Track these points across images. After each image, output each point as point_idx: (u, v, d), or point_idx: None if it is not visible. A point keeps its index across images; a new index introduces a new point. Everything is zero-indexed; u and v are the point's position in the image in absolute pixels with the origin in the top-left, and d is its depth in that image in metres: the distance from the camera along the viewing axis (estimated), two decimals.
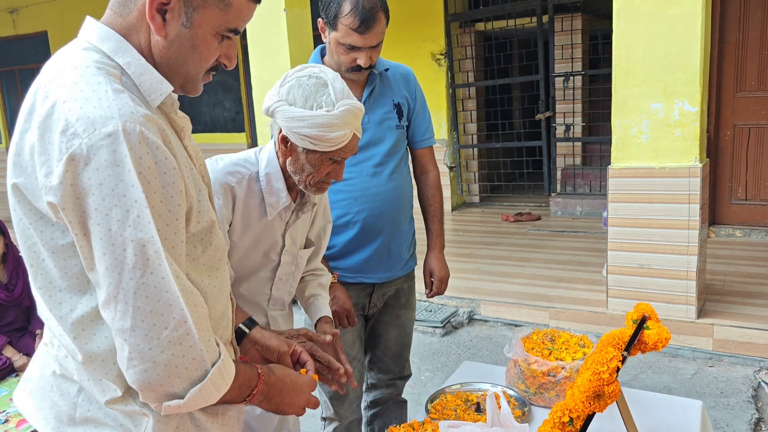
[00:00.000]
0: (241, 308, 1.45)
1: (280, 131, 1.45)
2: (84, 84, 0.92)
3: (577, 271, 4.68)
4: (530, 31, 6.85)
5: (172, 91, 1.06)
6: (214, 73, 1.10)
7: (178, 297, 0.93)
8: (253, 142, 8.34)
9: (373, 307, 2.12)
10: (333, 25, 1.81)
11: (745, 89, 5.14)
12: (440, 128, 7.20)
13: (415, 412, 3.08)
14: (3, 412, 3.17)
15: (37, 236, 0.98)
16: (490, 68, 7.18)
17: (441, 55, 7.03)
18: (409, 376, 2.32)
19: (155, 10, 0.97)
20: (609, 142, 3.60)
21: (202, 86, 1.11)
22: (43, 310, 1.06)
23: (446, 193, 7.25)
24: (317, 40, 7.21)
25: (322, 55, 2.00)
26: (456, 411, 1.72)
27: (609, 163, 3.66)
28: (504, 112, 7.37)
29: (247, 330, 1.40)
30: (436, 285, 2.22)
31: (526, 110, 7.70)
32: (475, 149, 7.45)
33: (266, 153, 1.56)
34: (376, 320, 2.18)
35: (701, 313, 3.63)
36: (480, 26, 7.09)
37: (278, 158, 1.53)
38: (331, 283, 1.90)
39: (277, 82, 1.44)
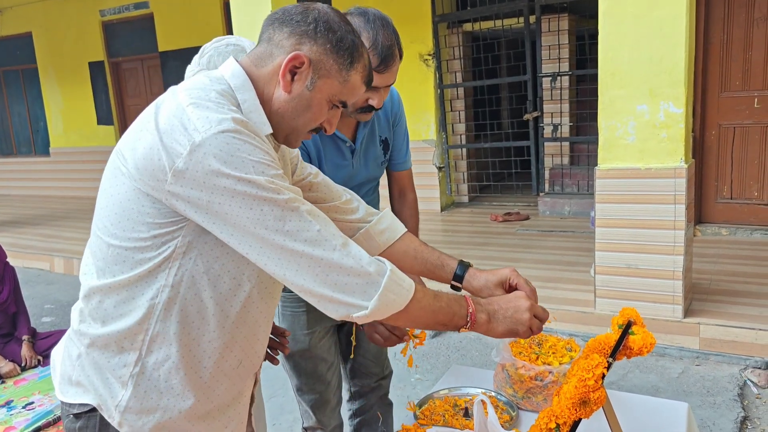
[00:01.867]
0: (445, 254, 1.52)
1: None
2: (206, 100, 1.09)
3: (566, 271, 4.70)
4: (518, 31, 6.87)
5: (277, 140, 1.23)
6: (314, 133, 1.25)
7: (320, 230, 1.09)
8: None
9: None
10: None
11: (730, 89, 5.18)
12: (429, 129, 7.22)
13: (404, 416, 3.09)
14: None
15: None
16: (478, 69, 7.20)
17: (429, 55, 7.04)
18: (391, 373, 2.31)
19: (288, 70, 1.14)
20: (596, 142, 3.62)
21: (300, 143, 1.27)
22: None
23: (435, 193, 7.27)
24: None
25: None
26: (444, 416, 1.72)
27: (596, 163, 3.68)
28: (492, 112, 7.39)
29: (461, 274, 1.49)
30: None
31: (514, 110, 7.73)
32: (464, 149, 7.47)
33: None
34: (351, 325, 2.13)
35: (688, 312, 3.66)
36: (468, 27, 7.11)
37: None
38: None
39: (197, 54, 1.48)
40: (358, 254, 1.11)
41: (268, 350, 1.57)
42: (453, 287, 1.52)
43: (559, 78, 6.67)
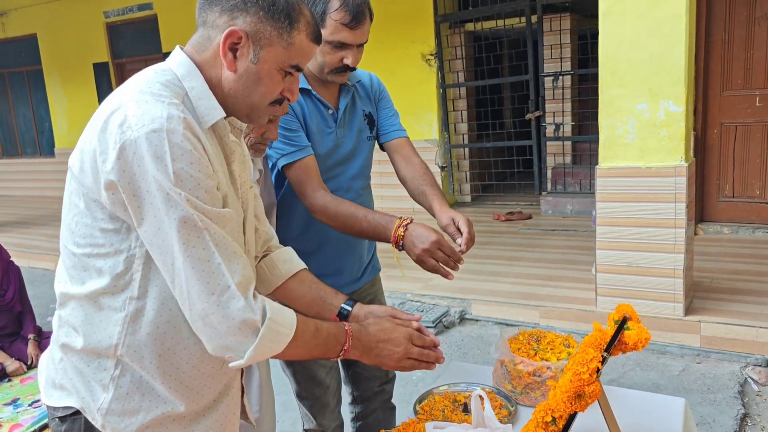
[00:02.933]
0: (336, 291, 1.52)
1: None
2: (149, 94, 1.08)
3: (567, 269, 4.72)
4: (519, 31, 6.89)
5: (242, 120, 1.23)
6: (278, 105, 1.23)
7: (220, 263, 1.06)
8: None
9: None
10: (320, 22, 1.71)
11: (731, 88, 5.19)
12: (431, 128, 7.24)
13: (407, 413, 3.11)
14: None
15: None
16: (480, 68, 7.22)
17: (431, 55, 7.07)
18: (394, 377, 2.30)
19: (228, 48, 1.12)
20: (598, 141, 3.63)
21: (267, 118, 1.25)
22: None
23: None
24: None
25: None
26: (444, 411, 1.75)
27: (598, 163, 3.70)
28: (494, 111, 7.41)
29: (349, 309, 1.46)
30: (466, 226, 1.96)
31: (516, 110, 7.74)
32: (466, 149, 7.49)
33: None
34: None
35: (689, 310, 3.67)
36: (470, 26, 7.13)
37: None
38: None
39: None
40: (236, 306, 1.06)
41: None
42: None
43: (561, 77, 6.69)
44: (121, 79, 9.85)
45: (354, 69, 1.81)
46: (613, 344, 1.36)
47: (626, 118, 3.52)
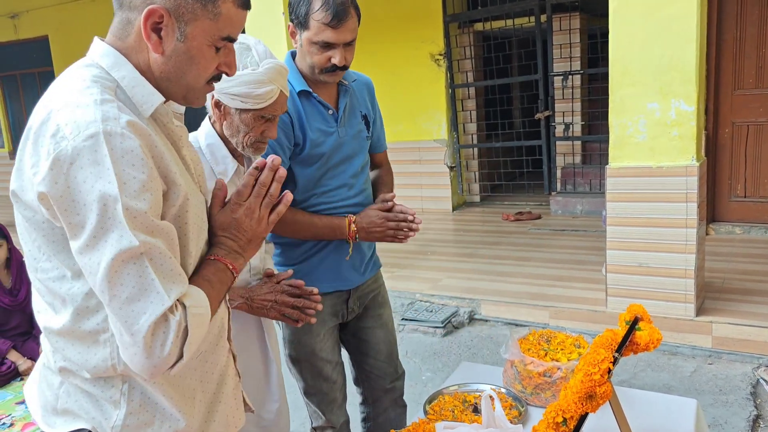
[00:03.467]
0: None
1: (213, 97, 1.55)
2: (77, 94, 1.00)
3: (577, 269, 4.70)
4: (529, 30, 6.87)
5: (179, 103, 1.16)
6: (216, 82, 1.16)
7: (153, 279, 0.99)
8: None
9: (351, 313, 2.10)
10: (304, 24, 1.77)
11: (743, 87, 5.15)
12: (440, 128, 7.23)
13: (416, 413, 3.11)
14: (8, 416, 3.20)
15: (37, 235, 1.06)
16: (489, 68, 7.20)
17: (440, 55, 7.06)
18: (404, 373, 2.30)
19: (150, 30, 1.04)
20: (608, 141, 3.62)
21: (205, 97, 1.18)
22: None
23: (446, 192, 7.28)
24: None
25: (293, 57, 1.95)
26: (454, 412, 1.75)
27: (608, 162, 3.68)
28: (503, 111, 7.39)
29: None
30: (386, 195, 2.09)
31: (525, 110, 7.72)
32: (475, 149, 7.47)
33: (203, 129, 1.66)
34: (358, 327, 2.15)
35: (700, 311, 3.65)
36: (479, 26, 7.11)
37: (215, 127, 1.62)
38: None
39: None
40: (161, 341, 1.00)
41: (292, 312, 1.64)
42: None
43: (570, 77, 6.66)
44: None
45: (344, 68, 1.84)
46: (625, 345, 1.35)
47: (637, 117, 3.50)
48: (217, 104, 1.56)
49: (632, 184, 3.58)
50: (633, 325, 1.40)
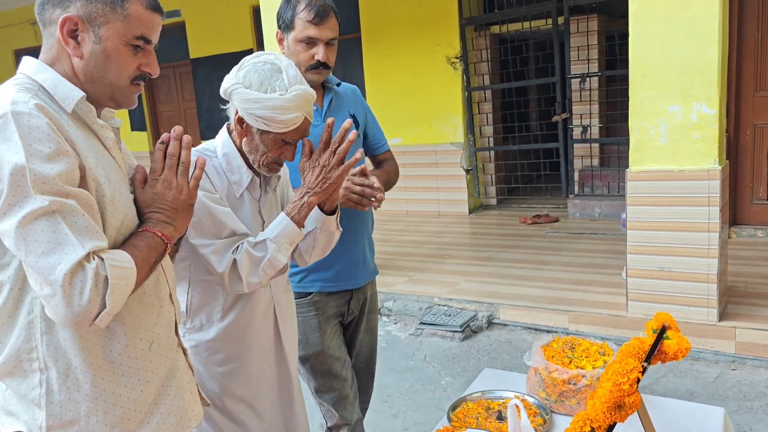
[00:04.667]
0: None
1: (237, 112, 1.56)
2: (1, 94, 1.12)
3: (597, 273, 4.66)
4: (546, 33, 6.83)
5: (111, 107, 1.26)
6: (141, 83, 1.26)
7: (68, 233, 1.05)
8: None
9: (351, 314, 2.18)
10: (290, 25, 1.96)
11: (765, 88, 5.08)
12: (456, 131, 7.22)
13: (436, 418, 3.11)
14: None
15: None
16: (506, 71, 7.18)
17: (456, 58, 7.05)
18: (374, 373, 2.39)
19: (67, 36, 1.16)
20: (627, 143, 3.59)
21: (135, 99, 1.27)
22: None
23: (463, 195, 7.27)
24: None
25: None
26: (478, 419, 1.74)
27: (627, 165, 3.65)
28: (520, 114, 7.37)
29: None
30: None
31: (542, 112, 7.68)
32: (492, 152, 7.45)
33: (220, 138, 1.67)
34: (353, 330, 2.23)
35: (723, 315, 3.60)
36: (495, 29, 7.09)
37: (234, 140, 1.63)
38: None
39: (235, 67, 1.55)
40: (80, 287, 1.05)
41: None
42: None
43: (588, 79, 6.62)
44: (150, 85, 10.00)
45: (327, 67, 2.01)
46: (653, 354, 1.34)
47: (658, 120, 3.47)
48: (240, 121, 1.56)
49: (653, 188, 3.54)
50: (661, 333, 1.39)
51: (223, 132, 1.68)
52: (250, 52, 8.57)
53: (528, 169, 7.44)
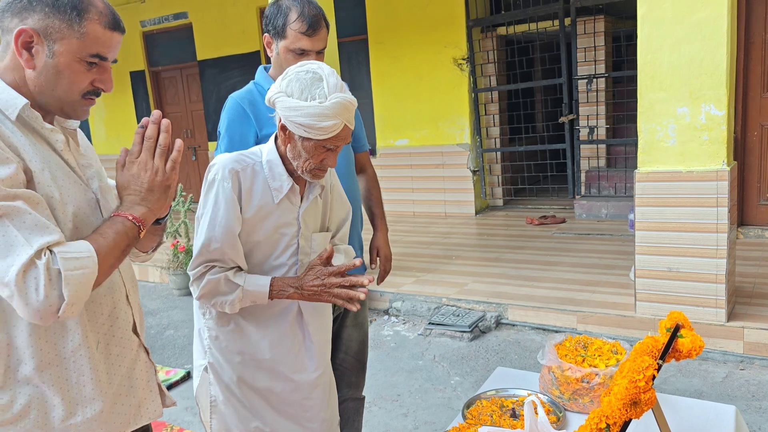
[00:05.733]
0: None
1: (281, 120, 1.60)
2: None
3: (604, 274, 4.68)
4: (552, 34, 6.86)
5: (62, 116, 1.27)
6: (94, 97, 1.27)
7: (16, 235, 1.08)
8: None
9: (337, 310, 2.22)
10: (281, 34, 1.99)
11: None
12: (463, 133, 7.25)
13: (447, 417, 3.13)
14: None
15: None
16: (512, 72, 7.20)
17: (463, 60, 7.07)
18: (365, 368, 2.43)
19: (21, 48, 1.18)
20: (634, 144, 3.62)
21: (86, 110, 1.29)
22: None
23: (469, 196, 7.29)
24: (342, 46, 7.19)
25: (266, 71, 2.15)
26: (492, 417, 1.77)
27: (634, 165, 3.67)
28: (527, 115, 7.39)
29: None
30: (383, 263, 2.50)
31: (549, 113, 7.70)
32: (498, 153, 7.48)
33: (267, 144, 1.71)
34: (339, 325, 2.28)
35: (731, 315, 3.62)
36: (502, 30, 7.12)
37: (279, 147, 1.68)
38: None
39: (280, 76, 1.59)
40: (34, 283, 1.08)
41: (340, 292, 1.67)
42: None
43: (595, 80, 6.64)
44: (157, 86, 10.06)
45: None
46: (668, 352, 1.36)
47: (666, 122, 3.49)
48: (283, 128, 1.60)
49: (662, 189, 3.57)
50: (675, 332, 1.41)
51: (271, 140, 1.72)
52: (256, 53, 8.64)
53: (534, 170, 7.46)
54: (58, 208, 1.20)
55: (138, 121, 10.22)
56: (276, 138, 1.70)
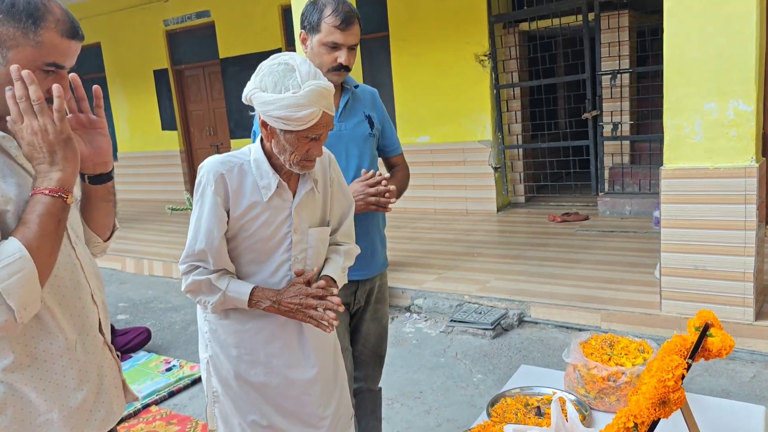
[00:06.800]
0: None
1: (260, 117, 1.60)
2: None
3: (628, 272, 4.63)
4: (576, 29, 6.79)
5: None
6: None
7: None
8: None
9: (357, 304, 2.26)
10: (316, 28, 2.06)
11: None
12: (484, 129, 7.21)
13: (469, 415, 3.13)
14: None
15: None
16: (534, 68, 7.15)
17: (485, 56, 7.04)
18: (383, 360, 2.45)
19: None
20: (658, 140, 3.57)
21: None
22: None
23: (491, 193, 7.26)
24: (363, 43, 7.19)
25: None
26: (517, 415, 1.76)
27: (659, 162, 3.62)
28: (549, 111, 7.33)
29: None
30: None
31: (572, 109, 7.63)
32: (520, 149, 7.43)
33: (254, 144, 1.72)
34: (358, 318, 2.31)
35: (759, 314, 3.56)
36: (524, 26, 7.07)
37: (264, 144, 1.68)
38: None
39: (254, 72, 1.59)
40: None
41: (315, 314, 1.68)
42: None
43: (619, 76, 6.56)
44: (180, 85, 10.17)
45: (348, 69, 2.12)
46: (697, 351, 1.34)
47: (693, 118, 3.44)
48: (264, 124, 1.60)
49: (688, 186, 3.52)
50: (704, 330, 1.39)
51: (258, 139, 1.72)
52: (278, 51, 8.68)
53: (557, 167, 7.40)
54: (12, 211, 1.18)
55: (160, 119, 10.34)
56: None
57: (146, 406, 3.42)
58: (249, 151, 1.71)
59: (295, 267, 1.74)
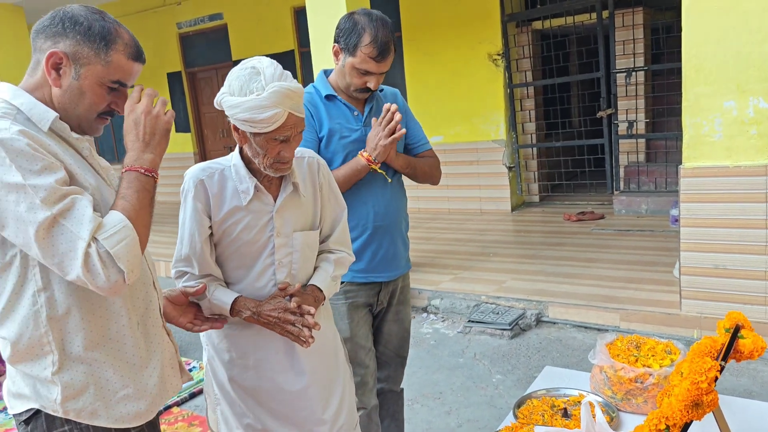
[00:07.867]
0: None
1: (230, 120, 1.61)
2: None
3: (647, 271, 4.61)
4: (590, 27, 6.77)
5: (77, 132, 1.37)
6: (108, 117, 1.39)
7: (72, 232, 1.20)
8: None
9: (380, 305, 2.28)
10: (352, 52, 2.05)
11: None
12: (498, 128, 7.20)
13: (490, 416, 3.13)
14: None
15: None
16: (548, 67, 7.12)
17: (498, 55, 7.03)
18: (405, 361, 2.47)
19: (51, 68, 1.29)
20: (674, 138, 3.56)
21: (100, 128, 1.41)
22: None
23: (505, 193, 7.24)
24: None
25: (326, 75, 2.22)
26: (543, 416, 1.76)
27: (674, 160, 3.61)
28: (563, 110, 7.30)
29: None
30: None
31: (586, 108, 7.60)
32: (534, 149, 7.41)
33: (234, 152, 1.74)
34: (381, 319, 2.33)
35: None
36: (537, 25, 7.05)
37: (242, 149, 1.69)
38: None
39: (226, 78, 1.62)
40: (92, 264, 1.19)
41: (292, 329, 1.69)
42: None
43: (634, 74, 6.52)
44: (193, 87, 10.23)
45: (375, 90, 2.15)
46: (729, 353, 1.34)
47: (712, 116, 3.42)
48: (235, 128, 1.61)
49: (708, 185, 3.50)
50: (735, 332, 1.39)
51: (237, 147, 1.73)
52: (291, 53, 8.71)
53: (571, 166, 7.37)
54: (96, 197, 1.32)
55: (175, 122, 10.40)
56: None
57: (168, 408, 3.45)
58: (231, 157, 1.72)
59: (280, 271, 1.72)
